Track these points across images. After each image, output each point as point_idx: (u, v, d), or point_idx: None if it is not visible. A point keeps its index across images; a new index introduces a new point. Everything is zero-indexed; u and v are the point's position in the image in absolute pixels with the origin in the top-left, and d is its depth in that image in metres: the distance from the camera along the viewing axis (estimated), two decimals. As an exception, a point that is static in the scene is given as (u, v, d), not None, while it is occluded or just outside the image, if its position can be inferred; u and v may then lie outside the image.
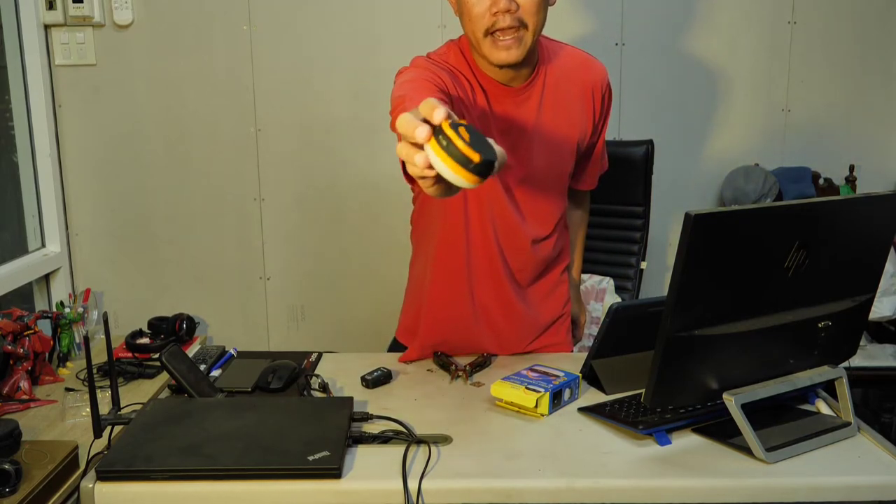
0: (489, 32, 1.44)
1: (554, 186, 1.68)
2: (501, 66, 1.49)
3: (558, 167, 1.67)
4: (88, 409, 1.44)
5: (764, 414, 1.30)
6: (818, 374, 1.37)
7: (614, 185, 2.56)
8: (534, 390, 1.39)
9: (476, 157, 0.90)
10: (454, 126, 0.92)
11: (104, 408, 1.37)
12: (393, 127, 1.35)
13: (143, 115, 2.89)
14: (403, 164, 1.27)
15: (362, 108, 2.86)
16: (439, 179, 0.95)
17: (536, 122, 1.59)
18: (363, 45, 2.85)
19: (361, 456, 1.26)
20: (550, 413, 1.40)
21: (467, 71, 1.55)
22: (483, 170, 0.91)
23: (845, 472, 1.22)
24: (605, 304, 2.44)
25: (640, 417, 1.34)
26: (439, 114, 0.93)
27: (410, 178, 1.32)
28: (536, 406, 1.38)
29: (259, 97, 2.88)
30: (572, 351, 1.86)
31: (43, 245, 2.89)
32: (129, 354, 2.45)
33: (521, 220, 1.65)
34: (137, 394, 2.20)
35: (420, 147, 0.94)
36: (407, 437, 1.30)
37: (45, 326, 2.35)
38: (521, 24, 1.44)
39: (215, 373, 1.66)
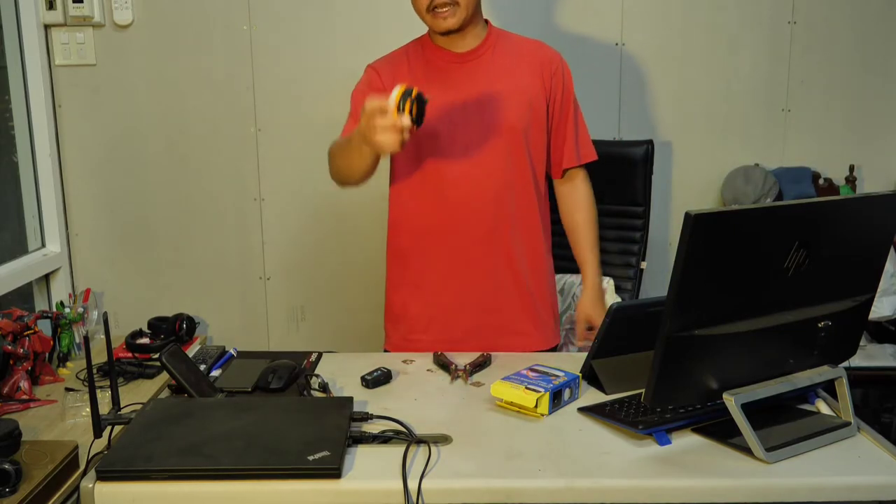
0: (429, 9, 1.73)
1: (504, 139, 1.79)
2: (444, 34, 1.76)
3: (506, 120, 1.78)
4: (88, 409, 1.44)
5: (764, 414, 1.30)
6: (818, 374, 1.37)
7: (614, 185, 2.58)
8: (534, 390, 1.39)
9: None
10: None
11: (104, 408, 1.37)
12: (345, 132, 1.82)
13: (143, 115, 2.89)
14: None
15: (362, 108, 2.85)
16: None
17: (484, 80, 1.78)
18: (363, 45, 2.84)
19: (361, 456, 1.26)
20: (550, 413, 1.40)
21: (418, 51, 1.84)
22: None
23: (845, 472, 1.22)
24: (605, 304, 2.44)
25: (640, 417, 1.34)
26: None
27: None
28: (536, 406, 1.38)
29: (259, 97, 2.88)
30: (558, 344, 1.93)
31: (43, 245, 2.89)
32: (129, 354, 2.45)
33: (469, 170, 1.79)
34: (137, 394, 2.20)
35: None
36: (407, 437, 1.30)
37: (45, 326, 2.35)
38: (453, 2, 1.71)
39: (215, 373, 1.66)
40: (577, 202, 1.92)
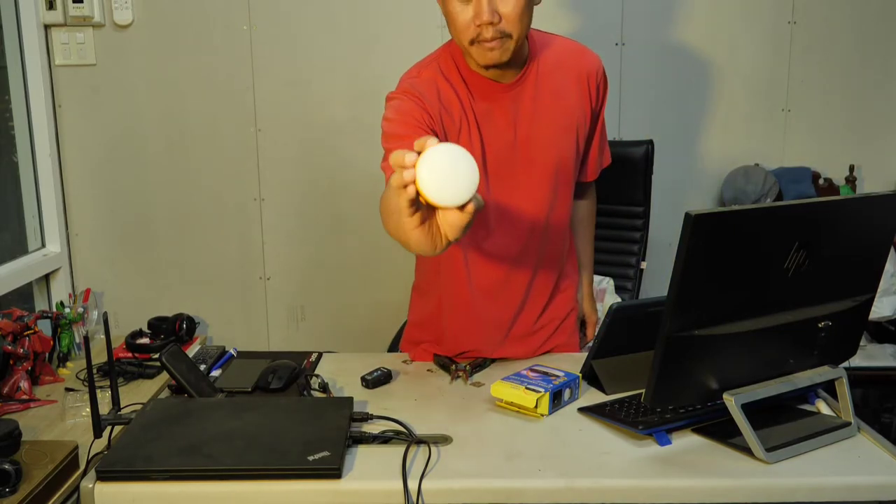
0: (473, 42, 1.46)
1: (558, 176, 1.64)
2: (488, 67, 1.51)
3: (559, 154, 1.63)
4: (88, 409, 1.44)
5: (764, 414, 1.30)
6: (818, 374, 1.37)
7: (614, 185, 2.56)
8: (534, 390, 1.39)
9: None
10: None
11: (104, 408, 1.37)
12: (384, 167, 1.42)
13: (143, 115, 2.89)
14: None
15: (362, 108, 2.85)
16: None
17: (532, 114, 1.58)
18: (363, 46, 2.84)
19: (361, 456, 1.26)
20: (550, 413, 1.40)
21: (457, 76, 1.56)
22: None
23: (845, 472, 1.22)
24: (605, 304, 2.44)
25: (640, 417, 1.34)
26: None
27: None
28: (536, 406, 1.38)
29: (259, 97, 2.88)
30: (579, 351, 1.86)
31: (43, 245, 2.89)
32: (129, 354, 2.45)
33: (515, 214, 1.63)
34: (137, 394, 2.20)
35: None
36: (407, 437, 1.30)
37: (45, 326, 2.35)
38: (505, 35, 1.45)
39: (215, 373, 1.67)
40: (585, 196, 1.88)
